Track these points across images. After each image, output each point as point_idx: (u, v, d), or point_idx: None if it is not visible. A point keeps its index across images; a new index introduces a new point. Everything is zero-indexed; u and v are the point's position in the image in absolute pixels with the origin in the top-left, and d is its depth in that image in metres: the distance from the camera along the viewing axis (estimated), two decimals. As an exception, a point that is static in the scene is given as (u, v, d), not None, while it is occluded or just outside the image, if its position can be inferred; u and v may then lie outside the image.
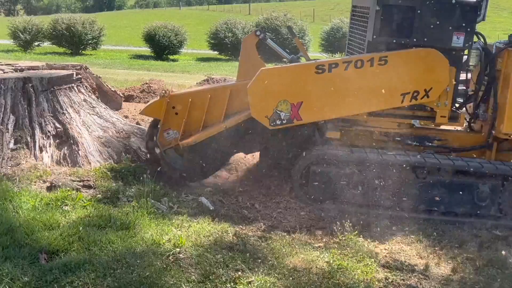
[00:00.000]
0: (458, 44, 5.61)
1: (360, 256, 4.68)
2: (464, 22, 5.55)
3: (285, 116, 5.67)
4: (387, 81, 5.62)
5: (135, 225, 4.82)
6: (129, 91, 10.69)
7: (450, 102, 5.75)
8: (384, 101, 5.70)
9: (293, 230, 5.21)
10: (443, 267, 4.70)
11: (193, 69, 22.87)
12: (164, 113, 6.17)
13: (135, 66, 22.70)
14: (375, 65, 5.57)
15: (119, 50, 31.31)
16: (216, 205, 5.61)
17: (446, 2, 5.58)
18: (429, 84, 5.62)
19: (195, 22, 51.51)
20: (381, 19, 5.64)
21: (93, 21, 28.64)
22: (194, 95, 6.28)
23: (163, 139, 6.27)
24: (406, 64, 5.61)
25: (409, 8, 5.61)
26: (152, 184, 5.67)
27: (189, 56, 29.89)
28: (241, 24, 30.20)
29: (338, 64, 5.61)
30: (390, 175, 5.66)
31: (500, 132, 5.82)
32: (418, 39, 5.63)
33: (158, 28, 27.89)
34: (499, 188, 5.69)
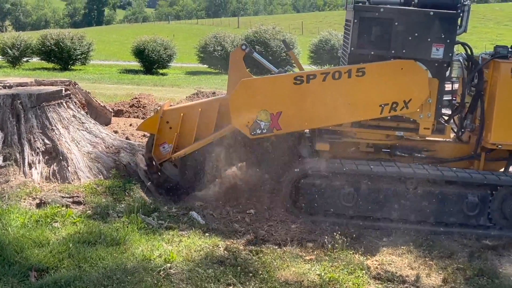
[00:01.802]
0: (438, 56, 5.66)
1: (351, 268, 4.70)
2: (443, 34, 5.61)
3: (265, 125, 5.76)
4: (365, 92, 5.68)
5: (125, 240, 4.81)
6: (118, 106, 10.67)
7: (433, 114, 5.79)
8: (362, 112, 5.76)
9: (284, 243, 5.21)
10: (434, 277, 4.72)
11: (182, 82, 22.87)
12: (159, 128, 6.35)
13: (125, 81, 22.65)
14: (353, 77, 5.64)
15: (108, 64, 31.28)
16: (206, 219, 5.61)
17: (424, 14, 5.64)
18: (408, 95, 5.66)
19: (184, 36, 51.66)
20: (359, 32, 5.72)
21: (82, 36, 28.61)
22: (186, 110, 6.46)
23: (159, 153, 6.45)
24: (384, 75, 5.67)
25: (386, 20, 5.67)
26: (142, 199, 5.66)
27: (179, 70, 29.93)
28: (230, 37, 30.31)
29: (316, 75, 5.69)
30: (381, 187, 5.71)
31: (488, 142, 5.87)
32: (397, 51, 5.68)
33: (147, 42, 27.91)
34: (488, 198, 5.73)
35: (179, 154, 6.32)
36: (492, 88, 5.86)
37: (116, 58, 35.64)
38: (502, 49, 5.91)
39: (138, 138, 8.32)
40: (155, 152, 6.45)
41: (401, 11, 5.70)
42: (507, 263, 5.12)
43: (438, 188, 5.73)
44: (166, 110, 6.46)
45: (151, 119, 6.58)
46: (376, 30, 5.72)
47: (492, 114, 5.79)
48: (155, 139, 6.42)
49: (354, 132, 6.06)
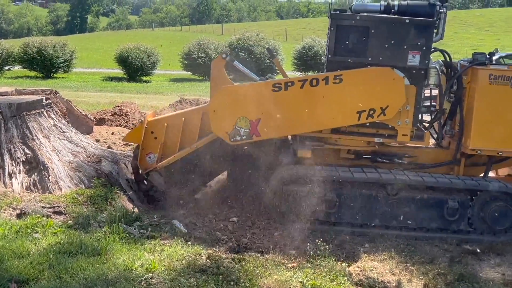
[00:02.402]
0: (414, 63, 5.73)
1: (333, 275, 4.71)
2: (419, 41, 5.68)
3: (245, 132, 5.81)
4: (342, 99, 5.74)
5: (106, 251, 4.78)
6: (100, 114, 10.62)
7: (411, 121, 5.85)
8: (340, 118, 5.83)
9: (266, 250, 5.22)
10: (415, 283, 4.75)
11: (166, 90, 22.84)
12: (144, 138, 6.42)
13: (108, 88, 22.56)
14: (330, 84, 5.70)
15: (91, 72, 31.14)
16: (189, 227, 5.60)
17: (400, 21, 5.72)
18: (385, 102, 5.72)
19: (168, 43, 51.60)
20: (336, 39, 5.79)
21: (64, 44, 28.49)
22: (169, 120, 6.57)
23: (145, 163, 6.50)
24: (361, 82, 5.73)
25: (363, 28, 5.75)
26: (124, 208, 5.63)
27: (163, 77, 29.88)
28: (214, 44, 30.35)
29: (294, 83, 5.74)
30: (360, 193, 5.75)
31: (467, 148, 5.93)
32: (374, 59, 5.75)
33: (130, 49, 27.85)
34: (468, 203, 5.79)
35: (163, 163, 6.36)
36: (470, 95, 5.93)
37: (99, 65, 35.50)
38: (480, 56, 5.99)
39: (120, 146, 8.29)
40: (141, 162, 6.50)
41: (377, 19, 5.77)
42: (487, 268, 5.17)
43: (419, 193, 5.78)
44: (150, 121, 6.54)
45: (135, 130, 6.69)
46: (353, 38, 5.79)
47: (471, 120, 5.86)
48: (140, 150, 6.48)
49: (336, 138, 6.10)
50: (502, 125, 5.82)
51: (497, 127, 5.82)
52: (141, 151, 6.49)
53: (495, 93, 5.76)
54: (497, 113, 5.80)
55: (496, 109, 5.80)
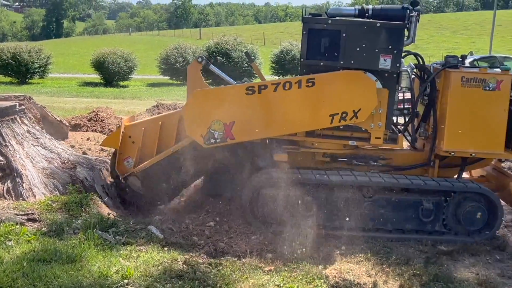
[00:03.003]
0: (386, 66, 5.79)
1: (310, 278, 4.73)
2: (391, 45, 5.75)
3: (219, 135, 5.82)
4: (315, 102, 5.78)
5: (81, 257, 4.72)
6: (76, 120, 10.51)
7: (384, 124, 5.90)
8: (313, 122, 5.87)
9: (243, 255, 5.21)
10: (391, 284, 4.79)
11: (144, 95, 22.73)
12: (122, 143, 6.44)
13: (84, 94, 22.38)
14: (303, 87, 5.73)
15: (67, 78, 30.86)
16: (165, 233, 5.56)
17: (371, 25, 5.79)
18: (357, 105, 5.77)
19: (146, 48, 51.35)
20: (308, 43, 5.85)
21: (39, 49, 28.21)
22: (147, 124, 6.60)
23: (123, 168, 6.49)
24: (333, 86, 5.78)
25: (334, 32, 5.81)
26: (99, 214, 5.58)
27: (140, 82, 29.73)
28: (191, 48, 30.34)
29: (267, 86, 5.78)
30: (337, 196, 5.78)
31: (441, 150, 6.01)
32: (345, 62, 5.81)
33: (107, 54, 27.66)
34: (443, 204, 5.86)
35: (140, 167, 6.36)
36: (443, 97, 6.01)
37: (75, 71, 35.21)
38: (452, 59, 6.08)
39: (96, 152, 8.21)
40: (119, 167, 6.49)
41: (349, 23, 5.84)
42: (462, 268, 5.24)
43: (394, 195, 5.83)
44: (128, 125, 6.55)
45: (113, 135, 6.75)
46: (325, 42, 5.85)
47: (444, 123, 5.94)
48: (118, 154, 6.48)
49: (312, 142, 6.13)
50: (474, 127, 5.90)
51: (470, 129, 5.91)
52: (118, 156, 6.49)
53: (467, 96, 5.85)
54: (469, 115, 5.89)
55: (469, 111, 5.88)
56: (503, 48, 41.62)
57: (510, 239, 6.18)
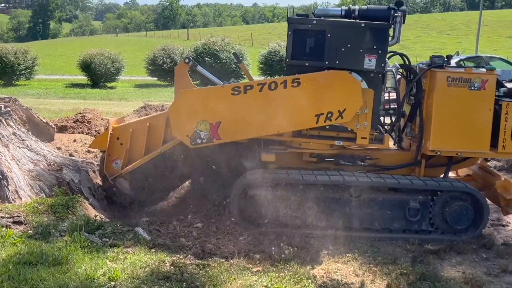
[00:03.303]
0: (371, 66, 5.82)
1: (298, 278, 4.73)
2: (375, 45, 5.78)
3: (205, 135, 5.85)
4: (300, 102, 5.81)
5: (68, 260, 4.69)
6: (62, 122, 10.44)
7: (370, 124, 5.92)
8: (299, 121, 5.89)
9: (231, 256, 5.20)
10: (378, 283, 4.80)
11: (131, 96, 22.63)
12: (110, 145, 6.45)
13: (71, 95, 22.24)
14: (289, 87, 5.76)
15: (54, 79, 30.64)
16: (152, 235, 5.54)
17: (355, 26, 5.82)
18: (342, 105, 5.80)
19: (133, 49, 51.16)
20: (293, 43, 5.88)
21: (26, 51, 28.00)
22: (135, 125, 6.62)
23: (112, 169, 6.50)
24: (318, 86, 5.81)
25: (319, 32, 5.83)
26: (86, 216, 5.54)
27: (127, 83, 29.60)
28: (179, 49, 30.24)
29: (253, 86, 5.80)
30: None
31: (427, 149, 6.04)
32: (331, 62, 5.84)
33: (94, 55, 27.51)
34: (429, 203, 5.89)
35: (128, 169, 6.37)
36: (429, 97, 6.04)
37: (62, 72, 34.97)
38: (438, 59, 6.12)
39: (82, 154, 8.16)
40: (108, 168, 6.50)
41: (333, 23, 5.87)
42: (449, 267, 5.28)
43: (381, 195, 5.85)
44: (116, 127, 6.56)
45: (101, 137, 6.79)
46: (310, 42, 5.88)
47: (430, 122, 5.97)
48: (107, 156, 6.49)
49: (299, 142, 6.14)
50: (460, 126, 5.94)
51: (455, 128, 5.95)
52: (107, 158, 6.49)
53: (453, 95, 5.89)
54: (455, 115, 5.93)
55: (455, 110, 5.92)
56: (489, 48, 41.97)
57: (497, 238, 6.23)
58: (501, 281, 5.04)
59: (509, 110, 5.89)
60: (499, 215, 6.75)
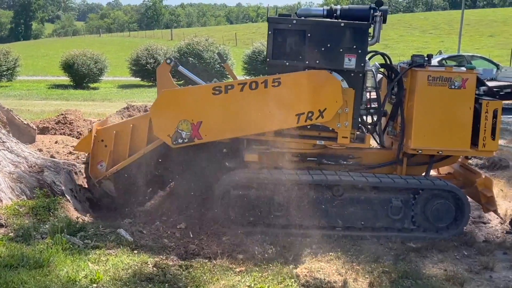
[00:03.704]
0: (350, 66, 5.84)
1: (281, 278, 4.74)
2: (355, 45, 5.80)
3: (186, 135, 5.86)
4: (281, 102, 5.81)
5: (49, 262, 4.65)
6: (44, 123, 10.34)
7: (350, 123, 5.95)
8: (280, 121, 5.90)
9: (214, 256, 5.19)
10: (361, 282, 4.82)
11: (114, 96, 22.50)
12: (95, 147, 6.44)
13: (53, 96, 22.05)
14: (269, 87, 5.77)
15: (36, 80, 30.37)
16: (135, 236, 5.51)
17: (336, 25, 5.84)
18: (322, 105, 5.82)
19: (116, 49, 50.88)
20: (274, 43, 5.89)
21: (7, 52, 27.71)
22: (118, 127, 6.61)
23: (96, 171, 6.49)
24: (298, 85, 5.82)
25: (299, 32, 5.85)
26: (67, 218, 5.50)
27: (111, 84, 29.43)
28: (162, 49, 30.13)
29: (234, 86, 5.81)
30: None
31: (409, 148, 6.08)
32: (311, 62, 5.85)
33: (76, 56, 27.30)
34: (411, 202, 5.93)
35: (112, 170, 6.37)
36: (410, 96, 6.08)
37: (44, 73, 34.67)
38: (418, 58, 6.16)
39: (64, 155, 8.10)
40: (93, 171, 6.49)
41: (313, 23, 5.88)
42: (430, 264, 5.32)
43: (364, 194, 5.88)
44: (99, 129, 6.55)
45: (84, 139, 6.76)
46: (290, 42, 5.88)
47: (411, 121, 6.01)
48: (91, 158, 6.48)
49: (281, 142, 6.15)
50: (441, 125, 5.99)
51: (436, 127, 5.99)
52: (91, 160, 6.49)
53: (433, 94, 5.93)
54: (436, 114, 5.97)
55: (435, 109, 5.97)
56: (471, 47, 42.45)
57: (478, 235, 6.29)
58: (482, 278, 5.08)
59: (489, 108, 5.95)
60: (480, 213, 6.81)
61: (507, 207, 7.05)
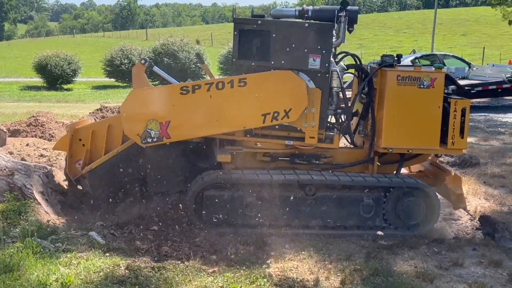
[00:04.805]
0: (315, 66, 5.89)
1: (253, 277, 4.75)
2: (319, 45, 5.85)
3: (155, 134, 5.91)
4: (247, 102, 5.88)
5: (19, 266, 4.59)
6: (15, 126, 10.20)
7: (317, 123, 6.00)
8: (246, 121, 5.96)
9: (187, 257, 5.19)
10: (333, 280, 4.86)
11: (88, 97, 22.30)
12: (73, 146, 6.60)
13: (26, 98, 21.75)
14: (235, 87, 5.83)
15: (8, 82, 29.91)
16: (107, 238, 5.47)
17: (300, 26, 5.89)
18: (288, 105, 5.88)
19: (90, 50, 50.40)
20: (239, 43, 5.93)
21: (-22, 53, 27.28)
22: (95, 126, 6.77)
23: (75, 170, 6.66)
24: (264, 85, 5.88)
25: (264, 32, 5.89)
26: (38, 222, 5.44)
27: (85, 85, 29.14)
28: (137, 50, 29.97)
29: (201, 86, 5.87)
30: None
31: (380, 147, 6.15)
32: (276, 62, 5.90)
33: (49, 57, 26.99)
34: (382, 200, 6.00)
35: (86, 169, 6.46)
36: (381, 95, 6.16)
37: (17, 74, 34.20)
38: (388, 58, 6.24)
39: (35, 158, 8.01)
40: (71, 169, 6.64)
41: (278, 23, 5.94)
42: (401, 261, 5.39)
43: (336, 193, 5.93)
44: (77, 128, 6.68)
45: (62, 139, 6.97)
46: (256, 42, 5.93)
47: (382, 120, 6.08)
48: (69, 157, 6.64)
49: (255, 142, 6.18)
50: (411, 124, 6.07)
51: (406, 126, 6.08)
52: (69, 159, 6.65)
53: (403, 93, 6.01)
54: (406, 113, 6.06)
55: (405, 108, 6.05)
56: (444, 46, 43.05)
57: (448, 232, 6.40)
58: (452, 274, 5.16)
59: (458, 107, 6.05)
60: (451, 210, 6.92)
61: (476, 204, 7.19)
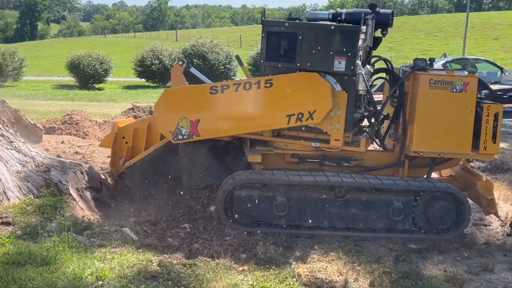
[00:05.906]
0: (340, 69, 5.93)
1: (283, 277, 4.81)
2: (345, 47, 5.89)
3: (186, 131, 6.11)
4: (273, 102, 6.02)
5: (56, 260, 4.73)
6: (50, 123, 10.46)
7: (343, 126, 6.05)
8: (271, 121, 6.09)
9: (217, 255, 5.27)
10: (362, 282, 4.90)
11: (119, 97, 22.63)
12: (117, 144, 6.99)
13: (59, 97, 22.18)
14: (262, 88, 5.96)
15: (42, 80, 30.55)
16: (140, 235, 5.59)
17: (326, 28, 5.96)
18: (312, 106, 5.96)
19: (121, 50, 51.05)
20: (267, 45, 6.03)
21: (13, 52, 27.93)
22: (137, 125, 7.09)
23: (118, 166, 7.06)
24: (289, 87, 5.99)
25: (291, 34, 5.97)
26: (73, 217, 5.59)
27: (116, 84, 29.57)
28: (167, 51, 30.28)
29: (229, 86, 6.04)
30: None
31: (410, 150, 6.15)
32: (302, 64, 5.98)
33: (82, 57, 27.48)
34: (412, 203, 6.00)
35: (126, 165, 6.76)
36: (412, 99, 6.15)
37: (50, 73, 34.86)
38: (421, 62, 6.23)
39: (70, 155, 8.20)
40: (114, 165, 7.08)
41: (305, 26, 6.02)
42: (430, 265, 5.38)
43: (365, 195, 5.95)
44: (121, 127, 7.01)
45: (107, 136, 7.35)
46: (283, 44, 5.99)
47: (413, 124, 6.08)
48: (113, 154, 7.00)
49: (285, 143, 6.25)
50: (442, 128, 6.05)
51: (438, 130, 6.06)
52: (113, 156, 7.00)
53: (435, 97, 6.00)
54: (437, 117, 6.04)
55: (437, 112, 6.03)
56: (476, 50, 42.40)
57: (478, 237, 6.36)
58: (482, 279, 5.14)
59: (490, 112, 6.01)
60: (481, 215, 6.87)
61: (508, 210, 7.11)
